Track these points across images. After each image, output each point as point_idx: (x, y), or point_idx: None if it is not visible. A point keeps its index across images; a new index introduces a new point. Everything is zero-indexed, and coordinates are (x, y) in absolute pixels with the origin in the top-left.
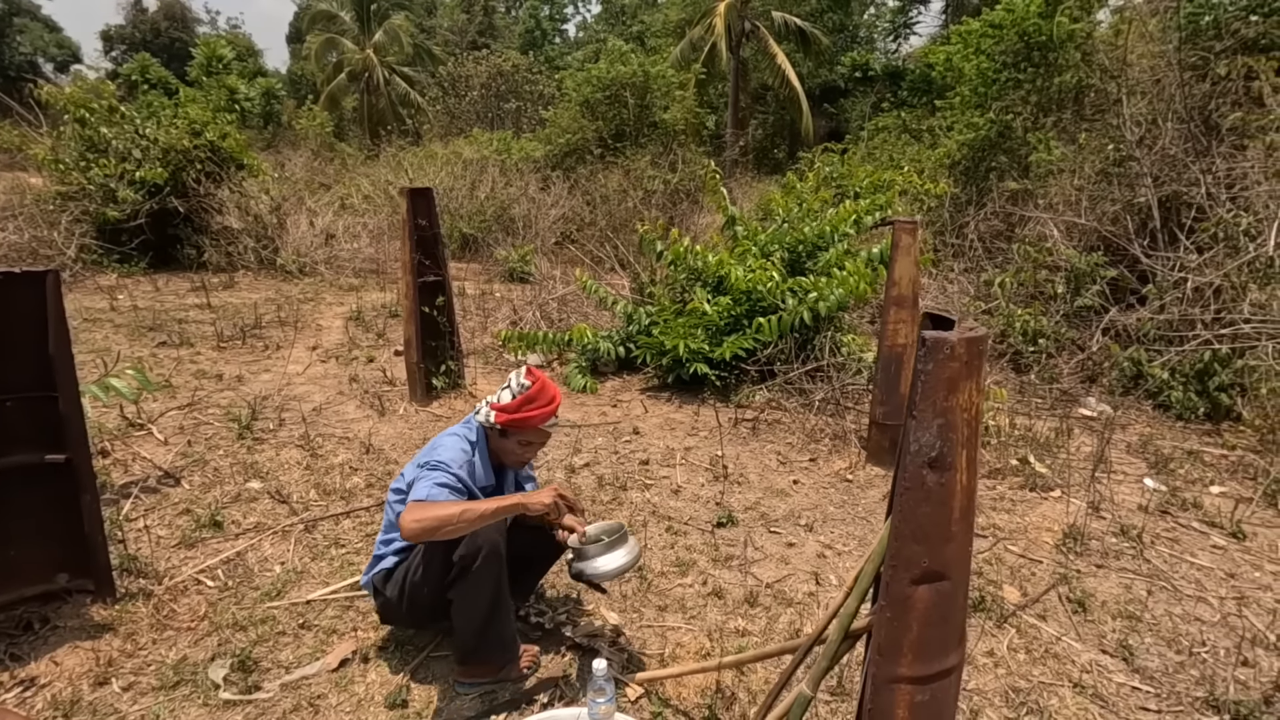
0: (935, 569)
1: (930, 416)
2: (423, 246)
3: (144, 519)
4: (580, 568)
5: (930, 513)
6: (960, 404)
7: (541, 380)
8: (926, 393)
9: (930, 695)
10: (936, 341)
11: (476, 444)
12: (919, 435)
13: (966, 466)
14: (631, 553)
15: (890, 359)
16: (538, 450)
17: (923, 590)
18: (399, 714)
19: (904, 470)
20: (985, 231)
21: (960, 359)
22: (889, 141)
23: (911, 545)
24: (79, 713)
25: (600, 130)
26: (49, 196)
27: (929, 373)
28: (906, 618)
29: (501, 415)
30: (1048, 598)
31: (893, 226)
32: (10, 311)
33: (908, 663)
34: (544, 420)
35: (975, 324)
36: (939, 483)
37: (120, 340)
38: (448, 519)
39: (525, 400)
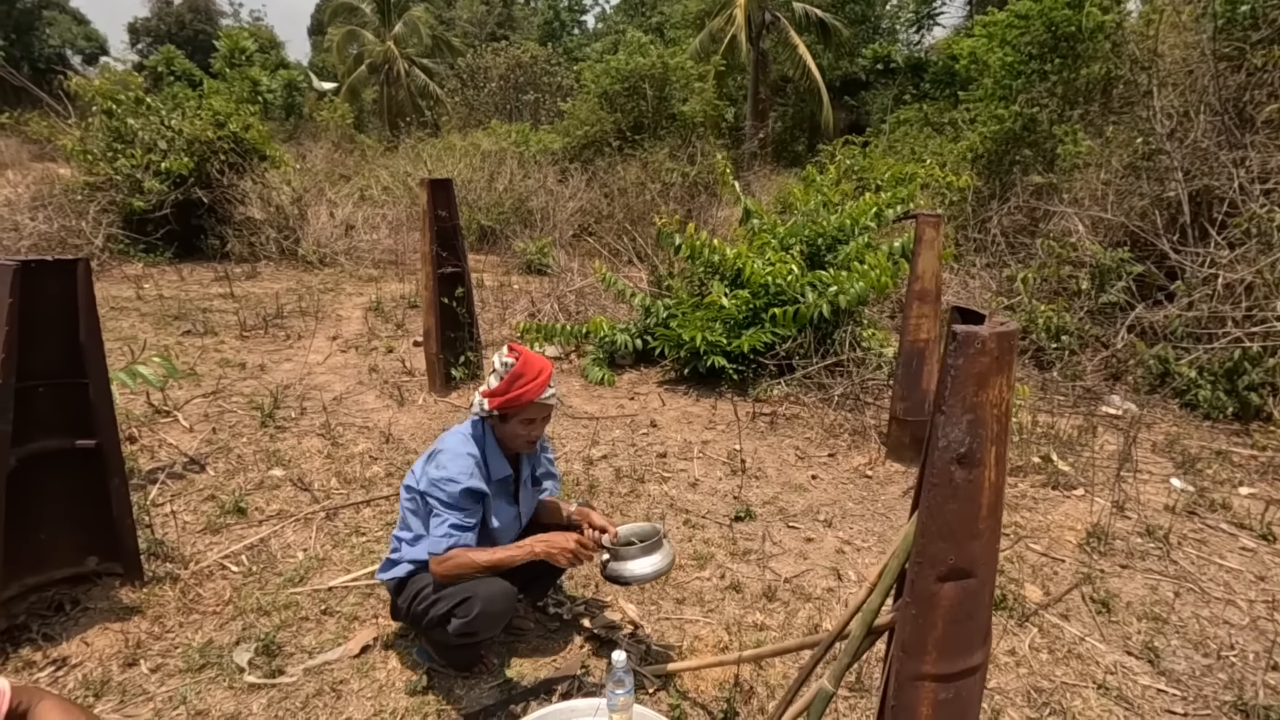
0: (961, 566)
1: (959, 412)
2: (442, 238)
3: (170, 504)
4: (616, 569)
5: (957, 509)
6: (990, 399)
7: (525, 354)
8: (956, 388)
9: (954, 693)
10: (967, 336)
11: (482, 439)
12: (948, 431)
13: (995, 463)
14: (667, 557)
15: (912, 354)
16: (543, 426)
17: (948, 587)
18: (419, 700)
19: (931, 466)
20: (1008, 226)
21: (991, 354)
22: (910, 134)
23: (938, 542)
24: (109, 693)
25: (619, 122)
26: (77, 187)
27: (959, 367)
28: (932, 615)
29: (494, 399)
30: (1071, 597)
31: (916, 220)
32: (42, 299)
33: (932, 660)
34: (538, 393)
35: (1005, 318)
36: (967, 479)
37: (146, 329)
38: (471, 569)
39: (513, 378)
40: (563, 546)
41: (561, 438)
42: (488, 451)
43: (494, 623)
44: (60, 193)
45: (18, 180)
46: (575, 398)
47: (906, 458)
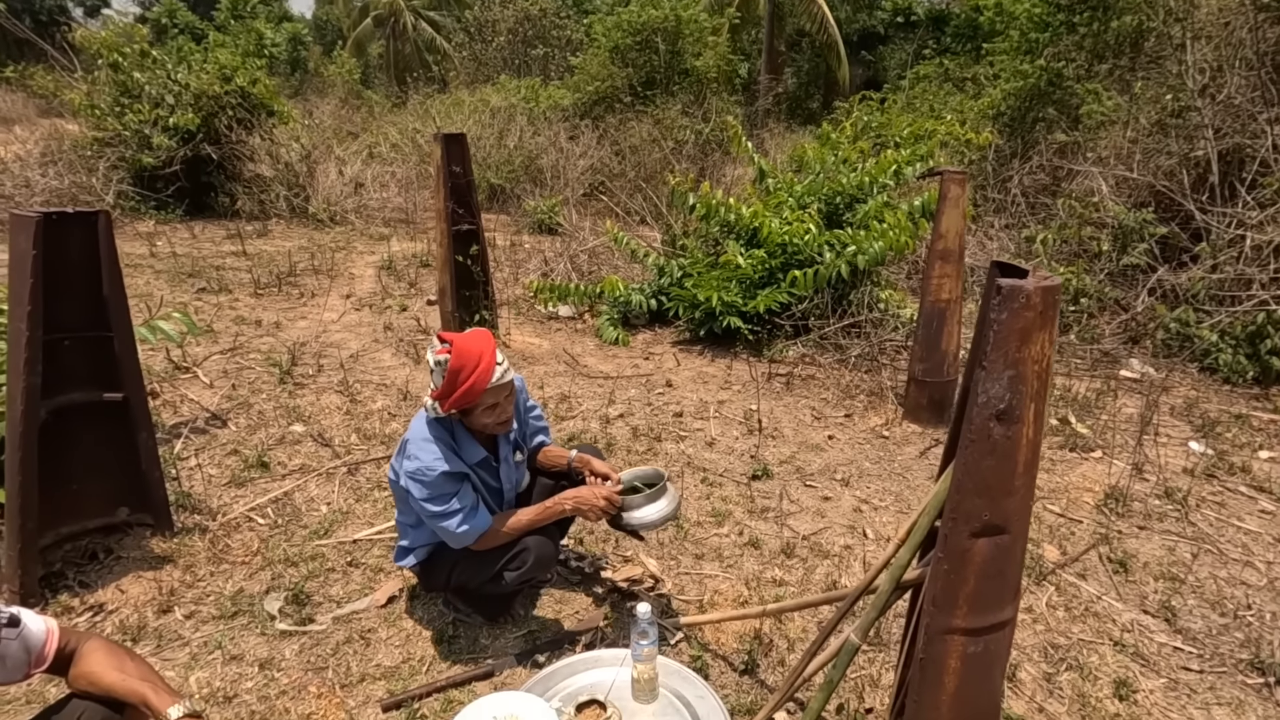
0: (996, 522)
1: (1001, 368)
2: (456, 194)
3: (195, 458)
4: (623, 519)
5: (994, 466)
6: (1032, 355)
7: (457, 345)
8: (998, 343)
9: (983, 647)
10: (1012, 289)
11: (450, 426)
12: (988, 387)
13: (1034, 420)
14: (673, 503)
15: (932, 314)
16: (510, 404)
17: (982, 543)
18: (446, 649)
19: (970, 422)
20: (1029, 186)
21: (1035, 308)
22: (929, 91)
23: (973, 498)
24: (145, 638)
25: (630, 78)
26: (86, 142)
27: (1002, 322)
28: (964, 570)
29: (445, 403)
30: (1088, 557)
31: (941, 177)
32: (64, 251)
33: (962, 615)
34: (486, 379)
35: (1048, 273)
36: (1005, 436)
37: (161, 286)
38: (512, 537)
39: (453, 375)
40: (593, 503)
41: (578, 396)
42: (458, 438)
43: (547, 565)
44: (70, 149)
45: (26, 136)
46: (590, 357)
47: (924, 419)
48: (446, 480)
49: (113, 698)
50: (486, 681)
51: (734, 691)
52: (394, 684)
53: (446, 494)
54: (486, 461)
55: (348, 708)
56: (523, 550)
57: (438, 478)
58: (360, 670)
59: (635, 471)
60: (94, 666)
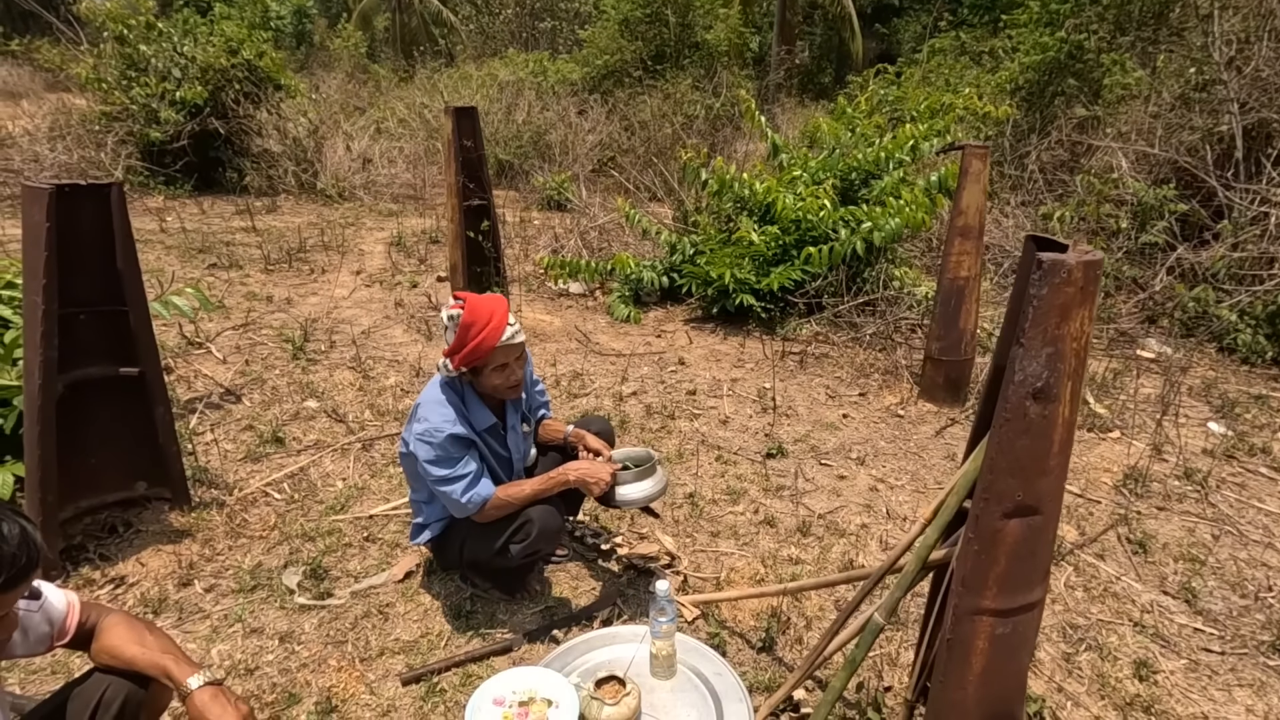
0: (1029, 503)
1: (1039, 345)
2: (468, 169)
3: (210, 433)
4: (614, 492)
5: (1029, 445)
6: (1071, 332)
7: (470, 302)
8: (1038, 319)
9: (1012, 628)
10: (1054, 264)
11: (460, 390)
12: (1025, 364)
13: (1070, 399)
14: (660, 482)
15: (951, 292)
16: (521, 367)
17: (1014, 524)
18: (463, 624)
19: (1005, 401)
20: (1047, 162)
21: (1076, 284)
22: (945, 65)
23: (1007, 478)
24: (166, 610)
25: (640, 51)
26: (94, 117)
27: (1042, 298)
28: (995, 551)
29: (456, 358)
30: (1107, 538)
31: (962, 152)
32: (78, 224)
33: (992, 595)
34: (497, 336)
35: (1089, 248)
36: (1042, 415)
37: (172, 261)
38: (514, 508)
39: (464, 330)
40: (599, 476)
41: (590, 374)
42: (468, 403)
43: (552, 538)
44: (78, 123)
45: (34, 110)
46: (602, 334)
47: (940, 398)
48: (453, 444)
49: (135, 671)
50: (505, 656)
51: (751, 669)
52: (413, 658)
53: (453, 458)
54: (495, 429)
55: (368, 681)
56: (526, 523)
57: (445, 440)
58: (379, 644)
59: (626, 451)
60: (115, 640)
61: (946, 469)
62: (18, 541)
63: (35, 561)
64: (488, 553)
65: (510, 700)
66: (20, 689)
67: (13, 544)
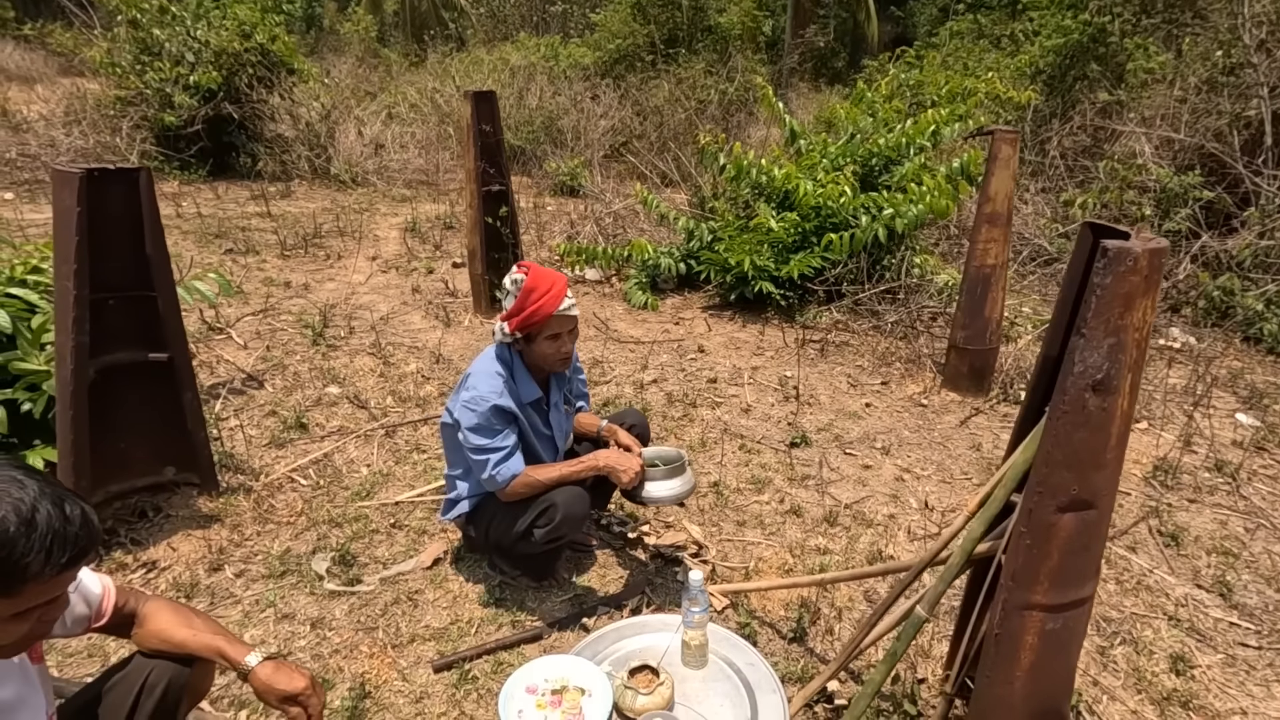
0: (1084, 497)
1: (1101, 335)
2: (486, 154)
3: (235, 418)
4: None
5: (1087, 438)
6: (1134, 322)
7: (534, 269)
8: (1100, 309)
9: (1062, 623)
10: (1120, 252)
11: (510, 362)
12: (1086, 356)
13: (1130, 391)
14: (687, 483)
15: (977, 280)
16: (572, 340)
17: (1068, 518)
18: (492, 612)
19: (1063, 393)
20: (1069, 148)
21: (1141, 272)
22: (962, 48)
23: (1062, 472)
24: (198, 595)
25: (652, 35)
26: (109, 101)
27: (1106, 286)
28: (1047, 545)
29: (513, 321)
30: (1138, 530)
31: (991, 137)
32: (106, 209)
33: (1043, 590)
34: (555, 304)
35: (1154, 235)
36: (1100, 407)
37: (189, 247)
38: (539, 489)
39: (527, 293)
40: (628, 465)
41: (610, 361)
42: (516, 374)
43: (576, 524)
44: (92, 107)
45: (49, 95)
46: (619, 322)
47: (964, 387)
48: (497, 415)
49: (186, 654)
50: (535, 644)
51: (783, 659)
52: (444, 645)
53: (494, 429)
54: (540, 403)
55: (399, 667)
56: (550, 507)
57: (490, 410)
58: (410, 631)
59: (657, 450)
60: (163, 624)
61: (972, 459)
62: (80, 522)
63: (95, 542)
64: (512, 536)
65: (543, 688)
66: (58, 671)
67: (75, 524)
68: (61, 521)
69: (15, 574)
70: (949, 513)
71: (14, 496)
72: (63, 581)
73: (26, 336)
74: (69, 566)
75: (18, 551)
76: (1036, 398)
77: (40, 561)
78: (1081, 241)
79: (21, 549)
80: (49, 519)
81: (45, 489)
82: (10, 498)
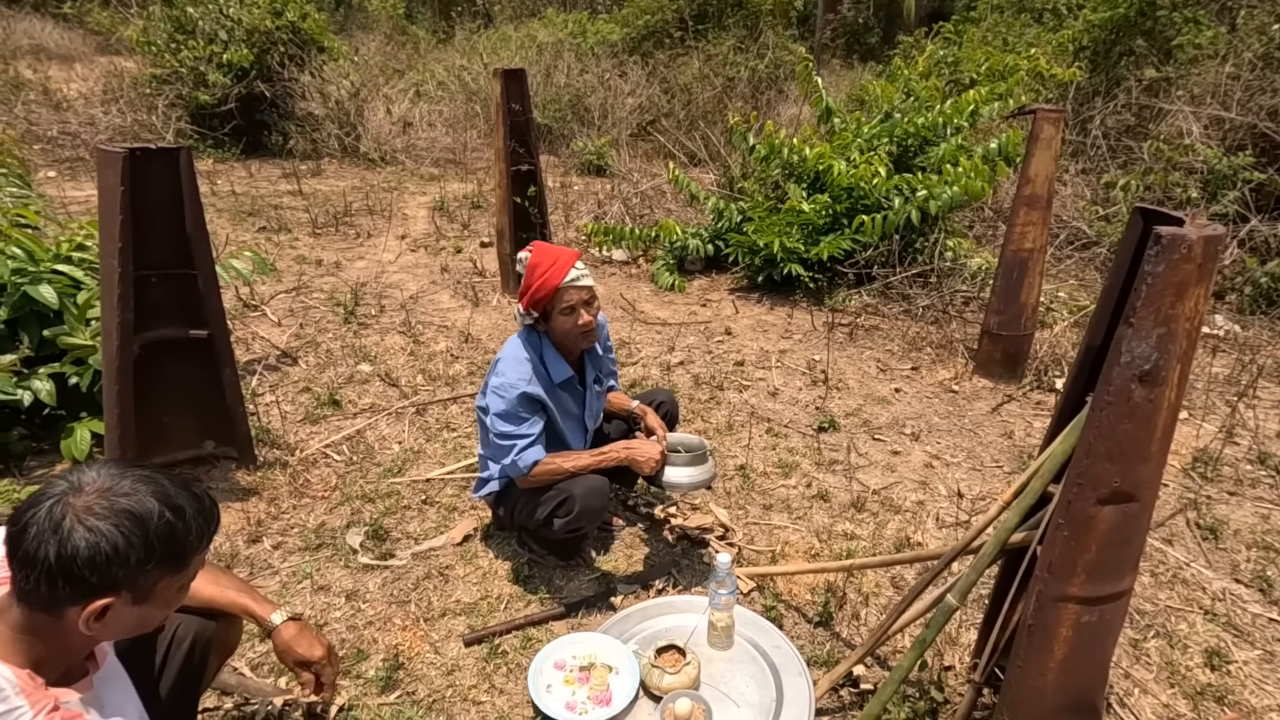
0: (1126, 490)
1: (1150, 325)
2: (516, 132)
3: (270, 394)
4: (663, 472)
5: (1131, 430)
6: (1185, 312)
7: (539, 246)
8: (1151, 297)
9: (1098, 616)
10: (1174, 239)
11: (538, 344)
12: (1134, 345)
13: (1178, 382)
14: (707, 473)
15: (1013, 264)
16: (589, 312)
17: (1108, 511)
18: (521, 589)
19: (1108, 383)
20: (1112, 127)
21: (1195, 260)
22: (1002, 23)
23: (1105, 464)
24: (238, 565)
25: (681, 10)
26: (144, 80)
27: (1158, 274)
28: (1085, 538)
29: (525, 299)
30: (1175, 523)
31: (1033, 116)
32: (148, 188)
33: (1079, 583)
34: (561, 275)
35: (1209, 221)
36: (1147, 399)
37: (224, 225)
38: (559, 477)
39: (531, 270)
40: (649, 455)
41: (636, 343)
42: (545, 355)
43: (595, 516)
44: (129, 86)
45: (87, 74)
46: (646, 303)
47: (996, 374)
48: (524, 402)
49: (213, 609)
50: (563, 621)
51: (809, 643)
52: (474, 619)
53: (519, 417)
54: (572, 382)
55: (431, 640)
56: (569, 498)
57: (518, 397)
58: (441, 605)
59: (680, 437)
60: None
61: (1003, 447)
62: (209, 501)
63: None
64: (534, 522)
65: (571, 665)
66: None
67: (207, 502)
68: (195, 500)
69: (184, 549)
70: (979, 500)
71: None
72: (206, 549)
73: (73, 312)
74: (213, 535)
75: (179, 531)
76: (1078, 387)
77: (199, 537)
78: (1132, 227)
79: (182, 529)
80: (190, 500)
81: (169, 478)
82: (154, 491)
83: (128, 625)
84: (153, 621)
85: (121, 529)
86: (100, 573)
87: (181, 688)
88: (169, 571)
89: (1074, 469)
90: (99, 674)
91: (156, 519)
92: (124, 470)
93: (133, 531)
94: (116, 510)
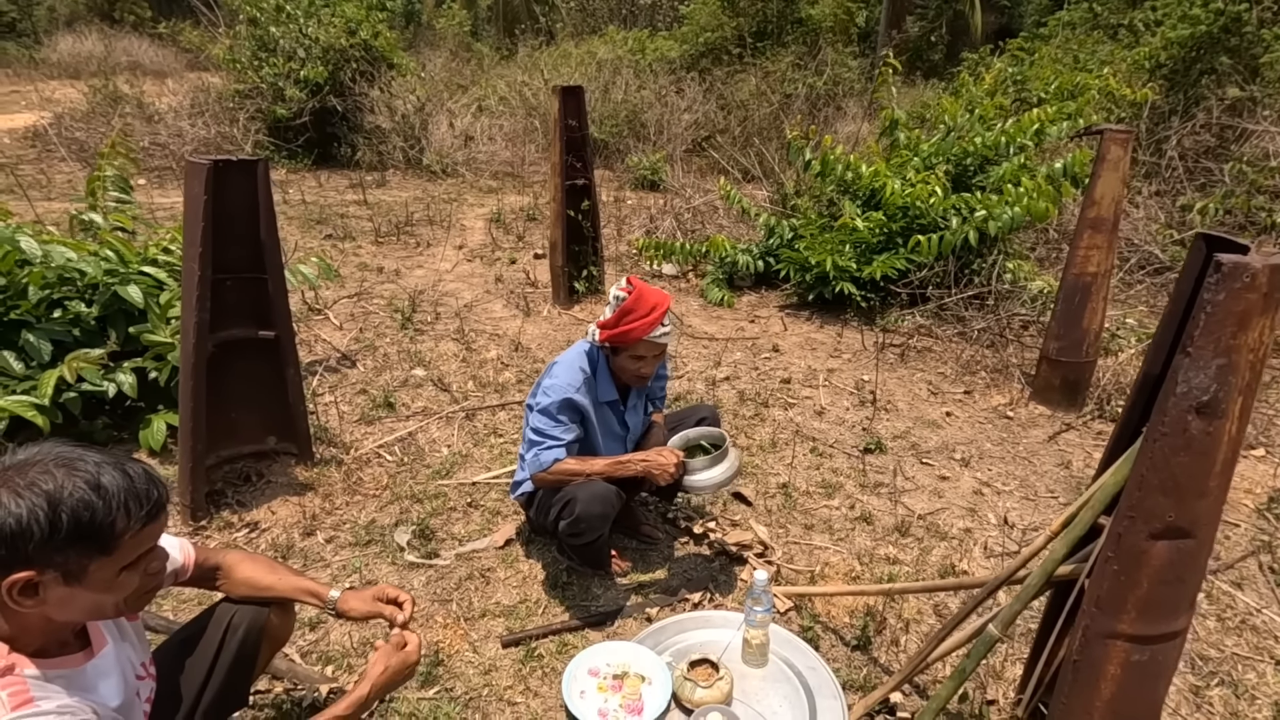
0: (1181, 525)
1: (1210, 355)
2: (572, 148)
3: (329, 394)
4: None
5: (1188, 464)
6: (1249, 343)
7: (639, 290)
8: (1210, 327)
9: (1149, 656)
10: (1236, 267)
11: (596, 360)
12: (1191, 375)
13: (1240, 415)
14: (730, 469)
15: (1075, 288)
16: (654, 365)
17: (1161, 546)
18: (559, 595)
19: (1163, 414)
20: (1190, 148)
21: (1260, 289)
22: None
23: (1158, 497)
24: (293, 557)
25: (741, 28)
26: (229, 94)
27: (1218, 303)
28: (1137, 573)
29: (604, 332)
30: (1245, 565)
31: (1100, 136)
32: (227, 196)
33: (1130, 620)
34: (646, 331)
35: (1276, 250)
36: (1205, 431)
37: (293, 232)
38: (573, 479)
39: (623, 313)
40: (664, 467)
41: (683, 357)
42: (598, 373)
43: (597, 523)
44: (214, 100)
45: (177, 88)
46: (694, 317)
47: (1054, 401)
48: (566, 407)
49: (274, 597)
50: (599, 629)
51: (845, 666)
52: (512, 622)
53: (558, 419)
54: (615, 404)
55: (470, 640)
56: (571, 501)
57: (563, 401)
58: (481, 606)
59: (700, 431)
60: (250, 572)
61: (1059, 477)
62: (144, 479)
63: (164, 493)
64: (543, 521)
65: (605, 672)
66: (173, 615)
67: (140, 481)
68: (127, 481)
69: (107, 533)
70: (1030, 531)
71: (81, 471)
72: (152, 533)
73: (156, 311)
74: (151, 518)
75: (99, 514)
76: (1134, 417)
77: (124, 518)
78: (1194, 254)
79: (102, 511)
80: (115, 481)
81: (104, 459)
82: (78, 473)
83: (78, 606)
84: (105, 606)
85: (30, 505)
86: (7, 546)
87: (235, 672)
88: (95, 552)
89: (1125, 501)
90: (93, 663)
91: (70, 497)
92: (56, 449)
93: (40, 507)
94: (31, 485)
